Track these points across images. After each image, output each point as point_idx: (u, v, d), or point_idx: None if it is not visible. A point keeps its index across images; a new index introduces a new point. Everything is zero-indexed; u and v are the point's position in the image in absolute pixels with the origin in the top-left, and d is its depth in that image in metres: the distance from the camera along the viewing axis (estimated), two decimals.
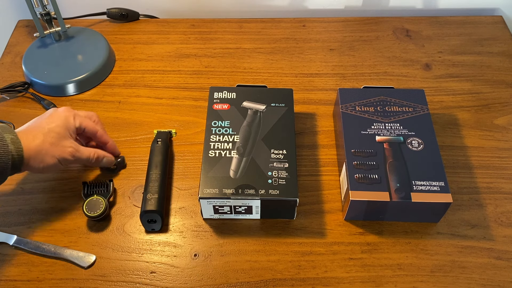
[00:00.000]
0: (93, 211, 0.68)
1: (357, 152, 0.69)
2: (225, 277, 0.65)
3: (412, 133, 0.70)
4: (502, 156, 0.76)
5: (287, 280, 0.64)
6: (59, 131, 0.66)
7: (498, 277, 0.64)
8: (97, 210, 0.68)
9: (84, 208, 0.68)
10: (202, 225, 0.70)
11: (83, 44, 0.92)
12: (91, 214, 0.68)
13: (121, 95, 0.87)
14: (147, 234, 0.69)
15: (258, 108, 0.74)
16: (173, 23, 1.00)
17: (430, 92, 0.85)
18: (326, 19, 1.00)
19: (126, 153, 0.78)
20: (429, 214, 0.67)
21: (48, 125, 0.66)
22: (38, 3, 0.85)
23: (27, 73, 0.87)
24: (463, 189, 0.72)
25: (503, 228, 0.68)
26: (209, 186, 0.65)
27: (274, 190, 0.65)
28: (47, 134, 0.64)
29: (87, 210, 0.68)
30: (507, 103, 0.83)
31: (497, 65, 0.90)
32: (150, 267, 0.66)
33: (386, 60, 0.91)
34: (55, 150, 0.65)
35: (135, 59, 0.93)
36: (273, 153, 0.69)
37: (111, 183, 0.72)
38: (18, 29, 0.99)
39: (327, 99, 0.85)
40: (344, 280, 0.64)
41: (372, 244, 0.67)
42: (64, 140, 0.66)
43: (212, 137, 0.71)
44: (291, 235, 0.68)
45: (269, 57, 0.92)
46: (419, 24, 0.98)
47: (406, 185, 0.65)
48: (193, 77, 0.89)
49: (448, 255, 0.66)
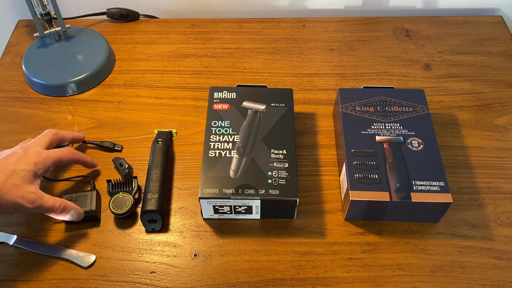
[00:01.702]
0: (120, 209, 0.68)
1: (357, 152, 0.69)
2: (225, 277, 0.65)
3: (412, 133, 0.70)
4: (502, 156, 0.76)
5: (287, 280, 0.64)
6: (25, 175, 0.61)
7: (498, 277, 0.64)
8: (124, 207, 0.68)
9: (111, 205, 0.68)
10: (202, 225, 0.70)
11: (83, 44, 0.92)
12: (118, 211, 0.68)
13: (121, 95, 0.87)
14: (147, 234, 0.69)
15: (258, 108, 0.74)
16: (173, 23, 1.00)
17: (430, 92, 0.85)
18: (326, 19, 1.00)
19: (126, 153, 0.78)
20: (429, 214, 0.67)
21: (14, 166, 0.61)
22: (38, 3, 0.85)
23: (27, 73, 0.88)
24: (463, 189, 0.72)
25: (503, 228, 0.68)
26: (209, 186, 0.65)
27: (274, 190, 0.65)
28: (10, 176, 0.60)
29: (113, 207, 0.68)
30: (507, 103, 0.83)
31: (497, 65, 0.90)
32: (150, 267, 0.66)
33: (386, 60, 0.91)
34: (14, 194, 0.59)
35: (135, 59, 0.93)
36: (273, 153, 0.69)
37: (135, 180, 0.72)
38: (18, 29, 0.99)
39: (327, 99, 0.85)
40: (344, 280, 0.64)
41: (372, 244, 0.67)
42: (28, 185, 0.61)
43: (212, 137, 0.71)
44: (291, 235, 0.68)
45: (269, 57, 0.93)
46: (419, 24, 0.98)
47: (406, 185, 0.65)
48: (193, 77, 0.89)
49: (448, 255, 0.66)
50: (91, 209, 0.68)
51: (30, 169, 0.62)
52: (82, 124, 0.82)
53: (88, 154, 0.78)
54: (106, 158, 0.77)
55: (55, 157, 0.66)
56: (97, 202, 0.70)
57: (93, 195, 0.70)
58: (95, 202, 0.69)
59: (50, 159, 0.65)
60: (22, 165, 0.62)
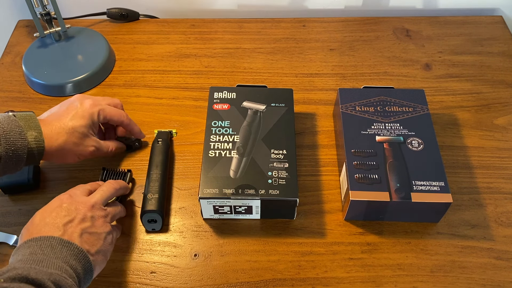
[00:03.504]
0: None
1: (357, 152, 0.69)
2: (225, 277, 0.65)
3: (412, 133, 0.70)
4: (502, 156, 0.76)
5: (287, 280, 0.64)
6: (83, 131, 0.66)
7: (498, 277, 0.64)
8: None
9: None
10: (202, 225, 0.70)
11: (83, 44, 0.92)
12: None
13: (121, 95, 0.87)
14: (147, 234, 0.69)
15: (258, 108, 0.74)
16: (173, 23, 1.00)
17: (430, 92, 0.85)
18: (326, 19, 1.00)
19: (126, 153, 0.78)
20: (429, 214, 0.67)
21: (72, 122, 0.65)
22: (38, 3, 0.85)
23: (27, 73, 0.88)
24: (463, 189, 0.72)
25: (503, 228, 0.68)
26: (209, 186, 0.65)
27: (274, 190, 0.65)
28: (70, 134, 0.65)
29: None
30: (507, 103, 0.83)
31: (497, 65, 0.90)
32: (150, 267, 0.66)
33: (386, 60, 0.91)
34: (77, 149, 0.66)
35: (135, 59, 0.93)
36: (273, 153, 0.69)
37: (129, 173, 0.72)
38: (18, 29, 0.99)
39: (327, 99, 0.85)
40: (344, 280, 0.64)
41: (372, 244, 0.67)
42: (87, 140, 0.67)
43: (212, 137, 0.71)
44: (291, 235, 0.68)
45: (269, 57, 0.92)
46: (419, 24, 0.98)
47: (406, 185, 0.65)
48: (193, 77, 0.89)
49: (448, 255, 0.66)
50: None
51: (87, 124, 0.67)
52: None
53: None
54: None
55: (109, 112, 0.70)
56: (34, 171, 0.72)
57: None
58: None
59: (104, 112, 0.69)
60: (79, 120, 0.66)
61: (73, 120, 0.66)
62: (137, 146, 0.78)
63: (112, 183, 0.66)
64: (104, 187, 0.64)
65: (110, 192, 0.64)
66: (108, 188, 0.64)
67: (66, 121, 0.65)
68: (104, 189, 0.63)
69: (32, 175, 0.71)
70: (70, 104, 0.68)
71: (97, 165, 0.75)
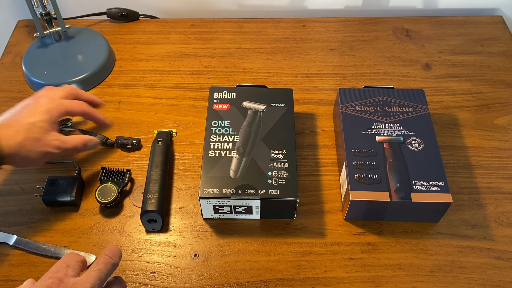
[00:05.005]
0: (104, 198, 0.69)
1: (357, 152, 0.69)
2: (225, 277, 0.65)
3: (412, 133, 0.70)
4: (502, 156, 0.76)
5: (287, 280, 0.64)
6: (42, 126, 0.63)
7: (498, 277, 0.64)
8: (108, 198, 0.69)
9: (96, 194, 0.69)
10: (202, 225, 0.70)
11: (83, 44, 0.92)
12: (102, 200, 0.69)
13: (121, 95, 0.87)
14: (147, 234, 0.69)
15: (258, 108, 0.74)
16: (173, 23, 1.00)
17: (430, 92, 0.85)
18: (326, 19, 1.00)
19: (126, 153, 0.78)
20: (429, 214, 0.67)
21: (30, 119, 0.62)
22: (38, 3, 0.85)
23: (27, 73, 0.87)
24: (463, 189, 0.72)
25: (503, 228, 0.68)
26: (209, 186, 0.65)
27: (274, 190, 0.65)
28: (29, 130, 0.62)
29: (99, 196, 0.69)
30: (507, 103, 0.83)
31: (497, 65, 0.90)
32: (150, 267, 0.66)
33: (386, 60, 0.91)
34: (38, 146, 0.63)
35: (135, 59, 0.93)
36: (273, 153, 0.69)
37: (128, 173, 0.72)
38: (18, 29, 0.99)
39: (327, 99, 0.85)
40: (344, 280, 0.64)
41: (372, 244, 0.67)
42: (48, 134, 0.64)
43: (212, 137, 0.71)
44: (291, 235, 0.68)
45: (269, 57, 0.93)
46: (419, 24, 0.98)
47: (406, 185, 0.65)
48: (193, 77, 0.89)
49: (448, 255, 0.66)
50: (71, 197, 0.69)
51: (45, 119, 0.63)
52: (82, 124, 0.82)
53: None
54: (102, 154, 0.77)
55: (67, 105, 0.67)
56: (77, 190, 0.70)
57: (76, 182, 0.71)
58: (76, 189, 0.70)
59: (62, 106, 0.66)
60: (37, 116, 0.63)
61: (30, 117, 0.63)
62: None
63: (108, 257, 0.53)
64: (100, 264, 0.52)
65: (107, 270, 0.52)
66: (105, 266, 0.52)
67: (23, 119, 0.62)
68: (101, 267, 0.51)
69: (75, 194, 0.70)
70: (25, 104, 0.65)
71: (97, 165, 0.75)
